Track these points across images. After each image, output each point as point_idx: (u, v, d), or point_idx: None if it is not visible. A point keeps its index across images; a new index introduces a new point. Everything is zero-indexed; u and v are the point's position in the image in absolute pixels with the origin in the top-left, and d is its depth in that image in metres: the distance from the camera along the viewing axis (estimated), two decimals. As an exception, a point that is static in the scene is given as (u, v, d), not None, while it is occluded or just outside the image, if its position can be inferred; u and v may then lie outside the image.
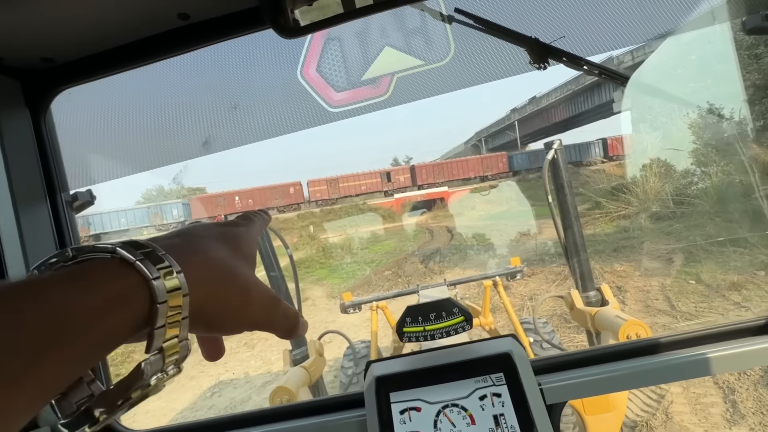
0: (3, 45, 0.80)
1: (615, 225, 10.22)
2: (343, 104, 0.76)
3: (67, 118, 0.95)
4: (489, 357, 0.61)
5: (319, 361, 2.03)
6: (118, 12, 0.80)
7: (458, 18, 0.80)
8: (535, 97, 24.70)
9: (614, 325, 1.61)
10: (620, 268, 7.46)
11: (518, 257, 3.66)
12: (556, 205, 1.94)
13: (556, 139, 1.91)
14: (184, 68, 0.84)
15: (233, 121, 0.87)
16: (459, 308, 0.74)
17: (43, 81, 0.86)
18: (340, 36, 0.78)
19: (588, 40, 0.81)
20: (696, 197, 8.97)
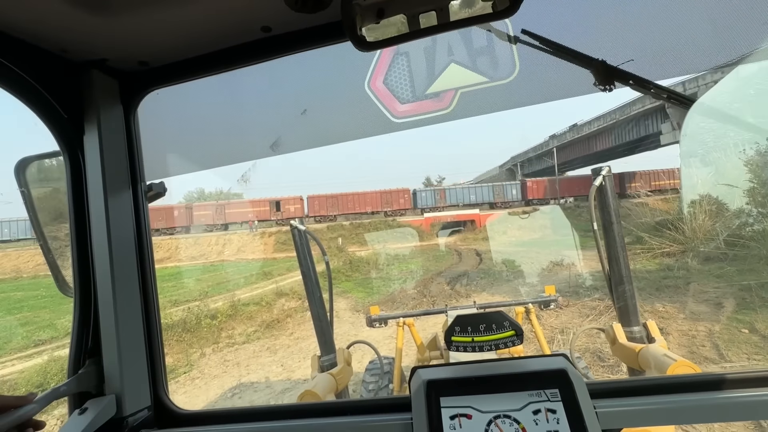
0: (108, 48, 0.90)
1: (658, 262, 9.65)
2: (407, 115, 0.80)
3: (150, 116, 1.04)
4: (544, 372, 0.60)
5: (346, 370, 2.03)
6: (207, 23, 0.88)
7: (524, 39, 0.83)
8: (576, 124, 24.13)
9: (662, 364, 1.51)
10: (662, 308, 6.99)
11: (553, 286, 3.53)
12: (602, 234, 1.87)
13: (605, 165, 1.87)
14: (261, 75, 0.91)
15: (301, 126, 0.93)
16: (510, 322, 0.73)
17: (138, 82, 0.96)
18: (409, 51, 0.83)
19: (656, 64, 0.81)
20: (751, 239, 8.33)
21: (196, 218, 24.73)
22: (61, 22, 0.79)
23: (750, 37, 0.79)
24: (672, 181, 21.67)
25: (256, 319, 9.94)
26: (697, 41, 0.81)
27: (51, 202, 1.06)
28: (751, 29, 0.79)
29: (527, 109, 9.71)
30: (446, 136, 73.43)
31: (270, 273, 15.51)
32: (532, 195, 25.47)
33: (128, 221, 0.89)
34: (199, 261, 20.51)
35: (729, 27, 0.79)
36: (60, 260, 1.02)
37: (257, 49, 0.90)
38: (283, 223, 23.27)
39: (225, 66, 0.94)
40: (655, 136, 18.67)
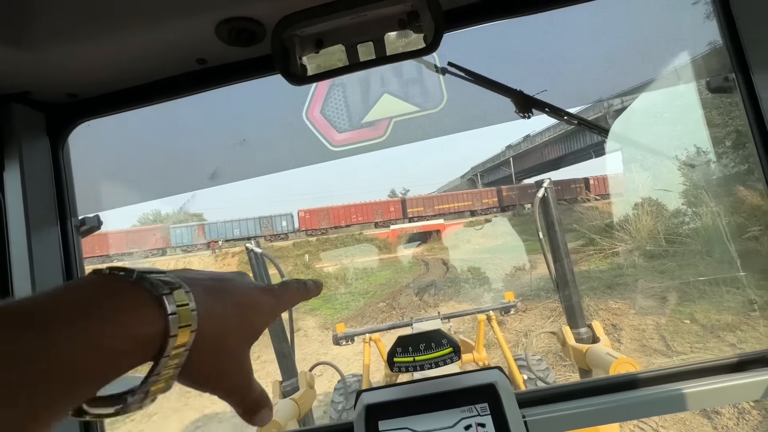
0: (33, 81, 0.87)
1: (609, 262, 10.27)
2: (344, 144, 0.83)
3: (82, 147, 1.01)
4: (474, 387, 0.63)
5: (309, 394, 1.99)
6: (141, 55, 0.87)
7: (451, 70, 0.89)
8: (529, 135, 25.48)
9: (605, 362, 1.61)
10: (615, 305, 7.43)
11: (512, 292, 3.67)
12: (547, 241, 1.99)
13: (545, 178, 2.00)
14: (197, 105, 0.91)
15: (240, 156, 0.93)
16: (448, 339, 0.77)
17: (66, 114, 0.93)
18: (344, 82, 0.86)
19: (568, 93, 0.90)
20: (688, 236, 9.09)
21: (145, 241, 23.42)
22: (-28, 55, 0.75)
23: (645, 69, 0.90)
24: (617, 185, 23.28)
25: (220, 344, 9.47)
26: (599, 74, 0.90)
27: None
28: (646, 63, 0.90)
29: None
30: (409, 149, 75.10)
31: (234, 295, 14.89)
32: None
33: (55, 260, 0.85)
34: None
35: (627, 62, 0.89)
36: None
37: (193, 80, 0.90)
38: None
39: (160, 97, 0.93)
40: (602, 144, 20.06)
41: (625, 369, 1.54)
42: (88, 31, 0.78)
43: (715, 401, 0.69)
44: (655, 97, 6.73)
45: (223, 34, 0.81)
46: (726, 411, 3.72)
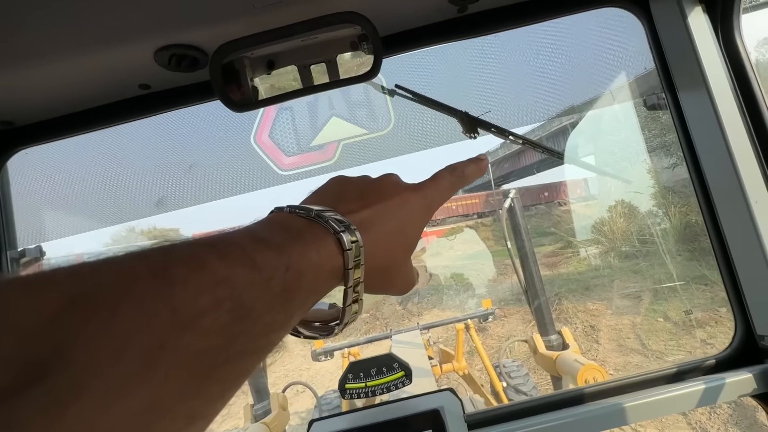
0: (-37, 109, 0.83)
1: (586, 264, 10.52)
2: (293, 168, 0.82)
3: (21, 176, 0.96)
4: (419, 414, 0.63)
5: (282, 416, 1.94)
6: (81, 81, 0.85)
7: (398, 92, 0.90)
8: (506, 141, 26.04)
9: (573, 369, 1.64)
10: (593, 306, 7.61)
11: (489, 300, 3.70)
12: (515, 250, 2.02)
13: (512, 188, 2.04)
14: (143, 131, 0.89)
15: (188, 183, 0.91)
16: (399, 363, 0.76)
17: (3, 141, 0.89)
18: (292, 106, 0.86)
19: (512, 114, 0.92)
20: (659, 236, 9.42)
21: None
22: None
23: (584, 89, 0.93)
24: (591, 188, 23.99)
25: (199, 364, 9.17)
26: (539, 97, 0.93)
27: None
28: (585, 85, 0.93)
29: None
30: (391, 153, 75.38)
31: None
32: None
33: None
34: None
35: (562, 84, 0.92)
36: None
37: (136, 106, 0.88)
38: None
39: (103, 123, 0.90)
40: (574, 149, 20.65)
41: (591, 375, 1.57)
42: (24, 56, 0.75)
43: (654, 413, 0.71)
44: (604, 113, 7.03)
45: (163, 61, 0.79)
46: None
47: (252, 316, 0.24)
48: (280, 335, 0.28)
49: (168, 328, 0.19)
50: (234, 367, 0.23)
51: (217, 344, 0.21)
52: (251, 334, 0.24)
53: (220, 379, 0.22)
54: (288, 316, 0.27)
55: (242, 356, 0.23)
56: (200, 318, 0.21)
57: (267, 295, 0.25)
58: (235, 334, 0.22)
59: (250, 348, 0.24)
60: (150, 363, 0.18)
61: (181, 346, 0.19)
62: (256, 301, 0.24)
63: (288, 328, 0.28)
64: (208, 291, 0.22)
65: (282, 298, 0.26)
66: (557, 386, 1.90)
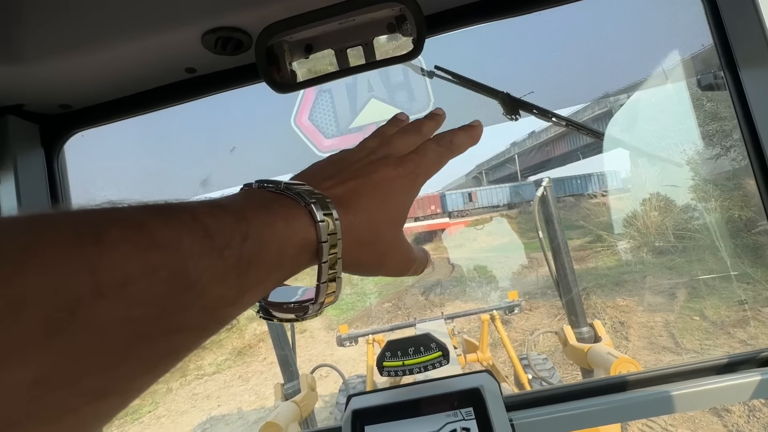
0: (25, 93, 0.89)
1: (617, 259, 10.16)
2: (332, 149, 0.83)
3: (77, 157, 1.02)
4: (460, 392, 0.63)
5: (310, 396, 2.00)
6: (131, 65, 0.89)
7: (438, 74, 0.89)
8: (534, 131, 25.31)
9: (606, 362, 1.60)
10: (623, 302, 7.36)
11: (516, 291, 3.65)
12: (547, 240, 1.98)
13: (544, 177, 1.99)
14: (188, 114, 0.92)
15: (230, 163, 0.94)
16: (436, 343, 0.77)
17: (60, 125, 0.95)
18: (332, 88, 0.87)
19: (557, 94, 0.89)
20: (697, 231, 8.96)
21: None
22: (-34, 70, 0.77)
23: (637, 68, 0.89)
24: (625, 181, 23.04)
25: (227, 346, 9.56)
26: (588, 74, 0.90)
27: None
28: (638, 63, 0.89)
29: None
30: (414, 148, 74.17)
31: (241, 297, 14.97)
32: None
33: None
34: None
35: (617, 62, 0.88)
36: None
37: (183, 89, 0.92)
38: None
39: (151, 106, 0.94)
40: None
41: (626, 368, 1.53)
42: (78, 44, 0.79)
43: (703, 403, 0.69)
44: (652, 95, 6.66)
45: (210, 44, 0.82)
46: (736, 409, 3.67)
47: (196, 289, 0.21)
48: (232, 312, 0.25)
49: (83, 292, 0.17)
50: (165, 343, 0.21)
51: (145, 316, 0.19)
52: (193, 307, 0.21)
53: (143, 356, 0.20)
54: (241, 291, 0.25)
55: (178, 332, 0.21)
56: (125, 285, 0.18)
57: (218, 266, 0.22)
58: (170, 306, 0.20)
59: (190, 324, 0.22)
60: (52, 329, 0.16)
61: (96, 315, 0.17)
62: (203, 272, 0.22)
63: (242, 306, 0.26)
64: (140, 256, 0.19)
65: (236, 270, 0.24)
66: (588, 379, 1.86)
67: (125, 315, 0.18)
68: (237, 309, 0.26)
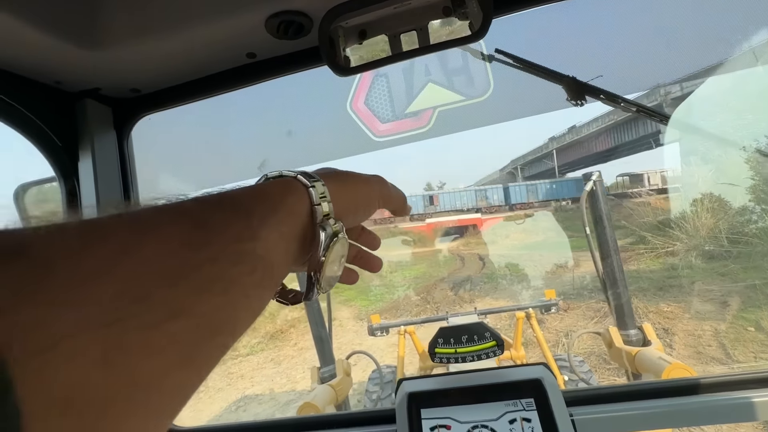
0: (101, 78, 0.94)
1: (661, 262, 9.59)
2: (387, 134, 0.83)
3: (143, 139, 1.08)
4: (520, 382, 0.62)
5: (345, 381, 2.04)
6: (195, 51, 0.92)
7: (498, 57, 0.86)
8: (575, 126, 24.19)
9: (657, 367, 1.52)
10: (667, 308, 6.95)
11: (553, 290, 3.54)
12: (595, 237, 1.89)
13: (595, 171, 1.89)
14: (247, 97, 0.95)
15: (287, 147, 0.96)
16: (491, 333, 0.75)
17: (130, 108, 1.00)
18: (387, 73, 0.86)
19: (625, 78, 0.84)
20: (755, 236, 8.28)
21: None
22: (55, 56, 0.82)
23: (713, 51, 0.82)
24: (672, 179, 21.61)
25: (260, 330, 9.93)
26: (660, 57, 0.84)
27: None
28: (714, 44, 0.82)
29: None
30: (443, 141, 72.89)
31: (273, 283, 15.44)
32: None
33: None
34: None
35: (693, 44, 0.82)
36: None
37: (243, 74, 0.94)
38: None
39: (213, 91, 0.97)
40: (656, 135, 18.68)
41: (679, 375, 1.44)
42: (151, 30, 0.83)
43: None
44: (722, 83, 6.13)
45: (272, 28, 0.83)
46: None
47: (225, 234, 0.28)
48: (254, 247, 0.30)
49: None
50: (208, 270, 0.25)
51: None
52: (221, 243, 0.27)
53: (191, 276, 0.24)
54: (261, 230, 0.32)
55: (214, 262, 0.26)
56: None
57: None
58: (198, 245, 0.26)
59: (221, 257, 0.27)
60: (128, 248, 0.20)
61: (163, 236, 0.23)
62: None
63: (262, 241, 0.31)
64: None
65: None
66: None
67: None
68: (256, 244, 0.31)
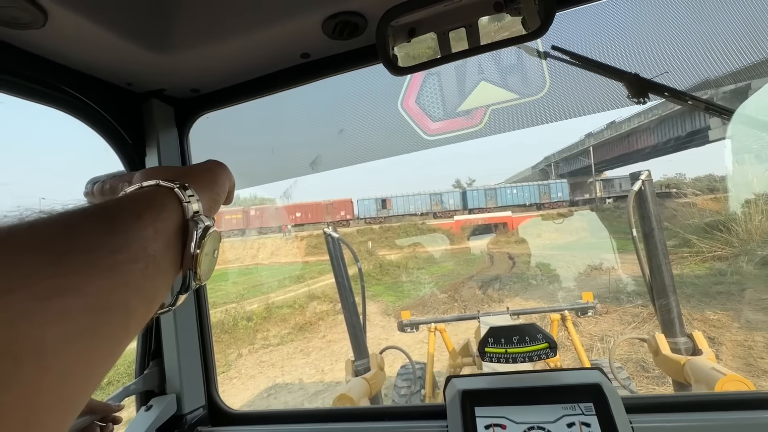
0: (165, 79, 1.00)
1: (708, 267, 9.02)
2: (439, 133, 0.83)
3: (200, 137, 1.14)
4: (578, 386, 0.61)
5: (379, 375, 2.07)
6: (252, 52, 0.96)
7: (554, 54, 0.84)
8: (615, 121, 23.06)
9: (710, 378, 1.44)
10: (714, 316, 6.54)
11: (590, 292, 3.42)
12: (642, 239, 1.81)
13: (644, 170, 1.81)
14: (299, 96, 0.97)
15: (339, 144, 0.99)
16: (543, 334, 0.75)
17: (190, 107, 1.06)
18: (440, 71, 0.86)
19: (694, 74, 0.80)
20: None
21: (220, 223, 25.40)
22: (128, 59, 0.88)
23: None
24: (722, 179, 20.16)
25: (290, 321, 10.21)
26: (729, 52, 0.79)
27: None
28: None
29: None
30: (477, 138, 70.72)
31: (302, 276, 15.87)
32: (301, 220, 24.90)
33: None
34: (235, 264, 21.18)
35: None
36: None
37: (297, 73, 0.97)
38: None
39: (267, 90, 1.01)
40: (703, 132, 17.51)
41: (735, 387, 1.36)
42: (212, 33, 0.87)
43: None
44: None
45: (329, 29, 0.85)
46: None
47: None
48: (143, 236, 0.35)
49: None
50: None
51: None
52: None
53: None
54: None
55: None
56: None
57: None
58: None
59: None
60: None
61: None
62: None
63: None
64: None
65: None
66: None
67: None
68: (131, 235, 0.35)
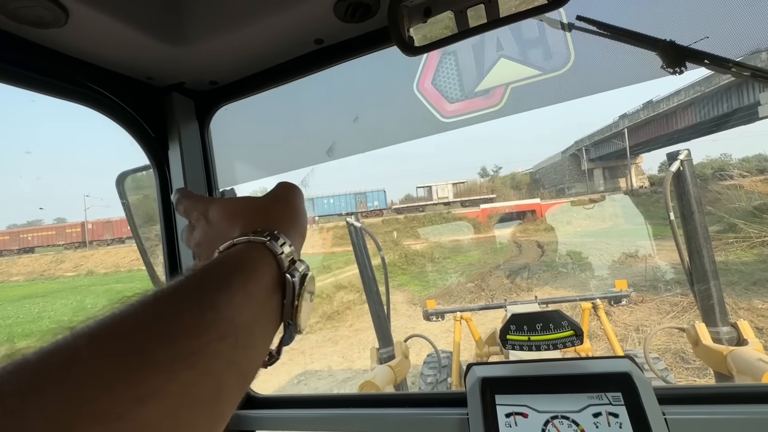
0: (185, 73, 1.02)
1: (756, 253, 8.45)
2: (456, 115, 0.80)
3: (220, 129, 1.16)
4: (606, 374, 0.58)
5: (404, 363, 2.08)
6: (266, 42, 0.95)
7: (579, 25, 0.79)
8: (652, 101, 21.73)
9: (756, 369, 1.35)
10: (762, 305, 6.14)
11: (625, 280, 3.28)
12: (680, 224, 1.70)
13: (683, 149, 1.69)
14: (313, 83, 0.97)
15: (354, 130, 0.98)
16: (569, 321, 0.71)
17: (210, 100, 1.07)
18: (456, 50, 0.83)
19: (736, 38, 0.73)
20: None
21: None
22: (147, 53, 0.90)
23: None
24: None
25: (318, 310, 10.44)
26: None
27: (144, 208, 1.22)
28: None
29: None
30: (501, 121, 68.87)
31: (329, 266, 16.13)
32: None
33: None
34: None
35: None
36: (151, 257, 1.18)
37: (311, 60, 0.96)
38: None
39: (283, 79, 1.01)
40: (751, 108, 16.20)
41: (784, 380, 1.27)
42: (225, 23, 0.87)
43: None
44: None
45: (341, 12, 0.83)
46: None
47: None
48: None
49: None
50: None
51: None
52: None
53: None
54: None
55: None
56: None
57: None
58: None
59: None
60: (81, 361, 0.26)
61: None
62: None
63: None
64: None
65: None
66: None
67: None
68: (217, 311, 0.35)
